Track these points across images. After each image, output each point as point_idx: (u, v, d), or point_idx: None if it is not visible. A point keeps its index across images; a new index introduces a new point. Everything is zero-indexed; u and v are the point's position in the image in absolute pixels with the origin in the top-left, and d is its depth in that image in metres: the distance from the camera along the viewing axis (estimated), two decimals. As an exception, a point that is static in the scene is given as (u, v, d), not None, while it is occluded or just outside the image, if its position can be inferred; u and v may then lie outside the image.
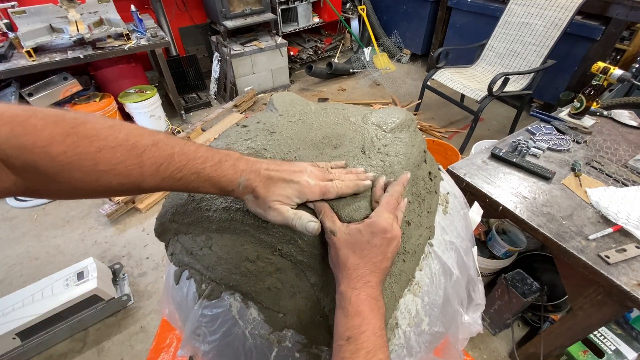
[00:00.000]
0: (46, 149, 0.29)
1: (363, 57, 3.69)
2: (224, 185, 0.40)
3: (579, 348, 1.27)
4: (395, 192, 0.45)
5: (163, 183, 0.37)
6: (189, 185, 0.38)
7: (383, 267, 0.42)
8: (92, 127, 0.32)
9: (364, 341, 0.37)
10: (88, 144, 0.31)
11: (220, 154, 0.40)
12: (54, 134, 0.30)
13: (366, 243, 0.41)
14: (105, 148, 0.32)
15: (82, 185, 0.33)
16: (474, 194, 1.17)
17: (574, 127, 1.40)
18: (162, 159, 0.36)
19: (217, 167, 0.39)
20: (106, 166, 0.32)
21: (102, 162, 0.32)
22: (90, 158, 0.31)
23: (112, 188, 0.34)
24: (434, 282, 0.51)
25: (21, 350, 1.40)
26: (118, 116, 2.67)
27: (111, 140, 0.33)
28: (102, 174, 0.33)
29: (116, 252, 1.91)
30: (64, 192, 0.33)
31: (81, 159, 0.31)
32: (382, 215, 0.42)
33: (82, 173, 0.32)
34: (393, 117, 0.59)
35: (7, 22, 2.29)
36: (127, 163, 0.33)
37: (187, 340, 0.54)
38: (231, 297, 0.48)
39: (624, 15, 2.19)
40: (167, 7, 3.03)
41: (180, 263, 0.54)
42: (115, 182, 0.34)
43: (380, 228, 0.41)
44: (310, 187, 0.43)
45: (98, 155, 0.32)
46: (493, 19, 2.60)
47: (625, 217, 0.99)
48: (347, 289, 0.40)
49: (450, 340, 0.59)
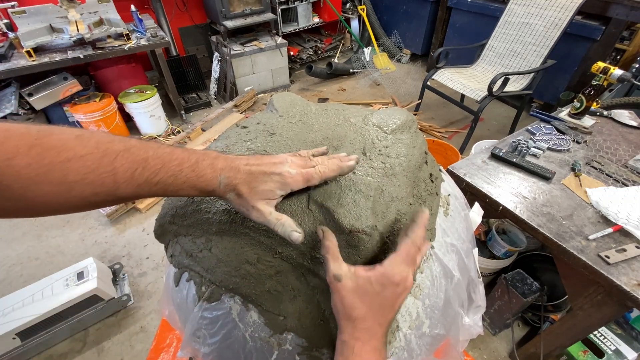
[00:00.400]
0: (9, 162, 0.27)
1: (363, 57, 3.69)
2: (203, 186, 0.39)
3: (579, 348, 1.27)
4: (418, 239, 0.42)
5: (140, 189, 0.35)
6: (167, 189, 0.37)
7: (390, 319, 0.40)
8: (58, 137, 0.31)
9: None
10: (55, 155, 0.30)
11: (197, 154, 0.39)
12: (18, 146, 0.28)
13: (375, 294, 0.39)
14: (74, 158, 0.30)
15: (54, 199, 0.31)
16: (474, 194, 1.17)
17: (574, 127, 1.40)
18: (136, 164, 0.34)
19: (194, 168, 0.38)
20: (77, 176, 0.31)
21: (72, 172, 0.30)
22: (58, 169, 0.30)
23: (87, 199, 0.33)
24: (434, 284, 0.51)
25: (21, 350, 1.40)
26: (118, 116, 2.67)
27: (79, 149, 0.31)
28: (74, 184, 0.31)
29: (116, 252, 1.91)
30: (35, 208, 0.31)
31: (48, 170, 0.29)
32: (398, 267, 0.40)
33: (52, 186, 0.30)
34: (394, 118, 0.58)
35: (7, 22, 2.29)
36: (99, 171, 0.32)
37: (187, 342, 0.54)
38: (231, 300, 0.48)
39: (624, 15, 2.19)
40: (167, 7, 3.03)
41: (180, 265, 0.53)
42: (88, 192, 0.32)
43: (392, 281, 0.39)
44: (292, 177, 0.42)
45: (67, 165, 0.30)
46: (493, 19, 2.60)
47: (625, 217, 0.99)
48: (351, 339, 0.38)
49: (451, 342, 0.58)
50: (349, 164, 0.44)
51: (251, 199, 0.40)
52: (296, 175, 0.42)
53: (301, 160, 0.44)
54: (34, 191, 0.29)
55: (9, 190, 0.28)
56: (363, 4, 3.78)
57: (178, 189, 0.38)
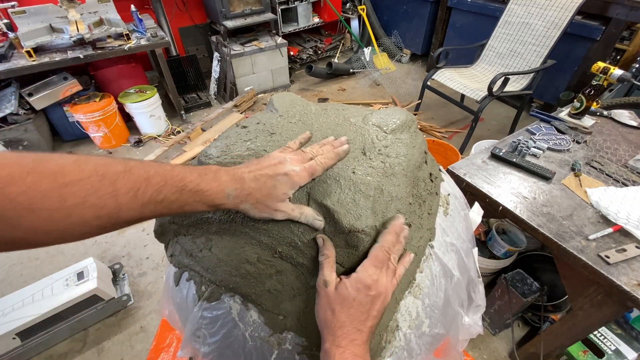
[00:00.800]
0: (4, 191, 0.27)
1: (363, 57, 3.69)
2: (212, 199, 0.38)
3: (579, 348, 1.27)
4: (386, 243, 0.43)
5: (144, 209, 0.34)
6: (172, 206, 0.36)
7: (369, 326, 0.40)
8: (55, 163, 0.30)
9: None
10: (51, 181, 0.29)
11: (198, 169, 0.39)
12: (13, 173, 0.27)
13: (352, 300, 0.40)
14: (72, 182, 0.30)
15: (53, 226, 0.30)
16: (474, 194, 1.17)
17: (574, 127, 1.40)
18: (138, 183, 0.33)
19: (199, 182, 0.37)
20: (76, 199, 0.30)
21: (71, 196, 0.29)
22: (55, 194, 0.29)
23: (88, 223, 0.31)
24: (434, 284, 0.51)
25: (21, 350, 1.40)
26: (118, 116, 2.67)
27: (77, 173, 0.30)
28: (73, 208, 0.30)
29: (116, 252, 1.91)
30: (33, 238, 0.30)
31: (45, 197, 0.28)
32: (367, 270, 0.41)
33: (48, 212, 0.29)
34: (394, 117, 0.58)
35: (7, 22, 2.29)
36: (99, 193, 0.31)
37: (187, 342, 0.54)
38: (231, 299, 0.48)
39: (624, 15, 2.19)
40: (167, 7, 3.03)
41: (180, 264, 0.53)
42: (89, 215, 0.31)
43: (364, 284, 0.40)
44: (298, 174, 0.42)
45: (64, 190, 0.29)
46: (493, 19, 2.60)
47: (625, 217, 0.99)
48: (331, 346, 0.39)
49: (451, 342, 0.58)
50: (344, 147, 0.46)
51: (271, 204, 0.42)
52: (301, 171, 0.43)
53: (297, 155, 0.45)
54: (30, 219, 0.28)
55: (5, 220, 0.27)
56: (363, 4, 3.78)
57: (184, 205, 0.37)
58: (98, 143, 2.71)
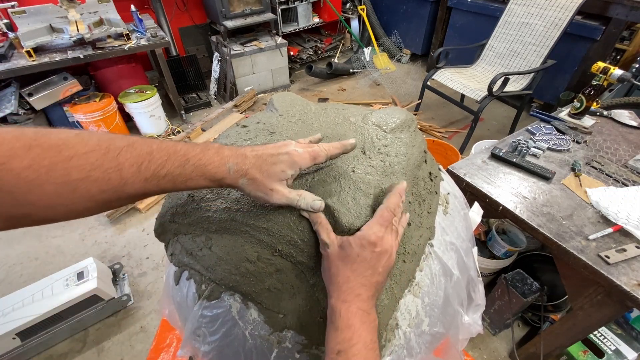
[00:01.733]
0: (6, 166, 0.26)
1: (363, 57, 3.69)
2: (213, 173, 0.38)
3: (579, 348, 1.27)
4: (391, 204, 0.44)
5: (148, 184, 0.34)
6: (176, 180, 0.36)
7: (374, 282, 0.41)
8: (57, 136, 0.30)
9: (354, 354, 0.36)
10: (55, 154, 0.29)
11: (201, 145, 0.39)
12: (14, 148, 0.27)
13: (356, 256, 0.41)
14: (76, 155, 0.30)
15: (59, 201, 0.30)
16: (474, 194, 1.17)
17: (574, 127, 1.40)
18: (141, 157, 0.34)
19: (201, 156, 0.38)
20: (80, 173, 0.30)
21: (75, 170, 0.29)
22: (60, 168, 0.29)
23: (93, 198, 0.31)
24: (434, 282, 0.51)
25: (21, 350, 1.40)
26: (118, 116, 2.67)
27: (81, 147, 0.30)
28: (78, 182, 0.30)
29: (116, 252, 1.91)
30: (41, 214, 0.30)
31: (50, 170, 0.28)
32: (372, 229, 0.42)
33: (55, 186, 0.29)
34: (393, 117, 0.59)
35: (7, 22, 2.29)
36: (103, 167, 0.31)
37: (187, 341, 0.54)
38: (231, 298, 0.48)
39: (624, 15, 2.19)
40: (167, 7, 3.03)
41: (180, 263, 0.53)
42: (94, 190, 0.31)
43: (369, 241, 0.41)
44: (299, 155, 0.43)
45: (69, 163, 0.29)
46: (493, 19, 2.60)
47: (625, 217, 0.99)
48: (337, 302, 0.39)
49: (451, 341, 0.59)
50: (351, 141, 0.46)
51: (267, 182, 0.41)
52: (303, 153, 0.43)
53: (303, 141, 0.46)
54: (37, 194, 0.28)
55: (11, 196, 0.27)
56: (363, 4, 3.78)
57: (187, 179, 0.37)
58: (98, 143, 2.71)
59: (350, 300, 0.39)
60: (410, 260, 0.48)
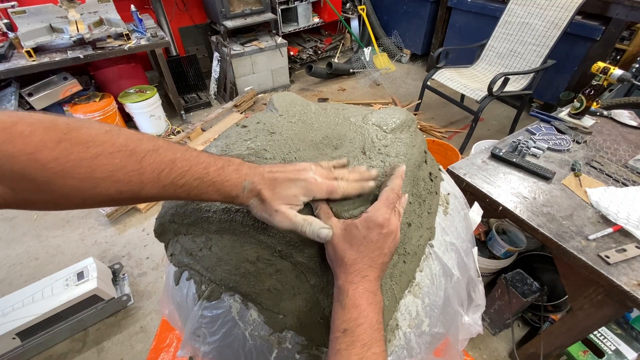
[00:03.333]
0: (35, 156, 0.27)
1: (363, 57, 3.69)
2: (228, 190, 0.39)
3: (579, 348, 1.27)
4: (396, 186, 0.44)
5: (164, 191, 0.35)
6: (192, 192, 0.37)
7: (380, 263, 0.41)
8: (87, 132, 0.30)
9: (360, 334, 0.37)
10: (83, 150, 0.29)
11: (223, 160, 0.39)
12: (45, 140, 0.28)
13: (362, 238, 0.41)
14: (103, 154, 0.30)
15: (77, 194, 0.31)
16: (474, 194, 1.17)
17: (574, 127, 1.40)
18: (164, 164, 0.34)
19: (220, 172, 0.38)
20: (103, 173, 0.31)
21: (99, 168, 0.30)
22: (85, 165, 0.30)
23: (110, 196, 0.32)
24: (434, 283, 0.51)
25: (21, 350, 1.40)
26: (118, 116, 2.67)
27: (108, 145, 0.31)
28: (100, 181, 0.31)
29: (116, 252, 1.91)
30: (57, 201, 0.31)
31: (75, 165, 0.29)
32: (379, 210, 0.42)
33: (77, 181, 0.30)
34: (393, 117, 0.58)
35: (7, 22, 2.29)
36: (126, 169, 0.32)
37: (187, 341, 0.54)
38: (231, 298, 0.48)
39: (624, 15, 2.19)
40: (167, 7, 3.03)
41: (180, 264, 0.53)
42: (113, 190, 0.32)
43: (376, 223, 0.41)
44: (317, 184, 0.42)
45: (94, 161, 0.30)
46: (493, 19, 2.60)
47: (625, 217, 0.99)
48: (344, 282, 0.40)
49: (451, 341, 0.59)
50: (370, 184, 0.45)
51: (274, 203, 0.40)
52: (321, 183, 0.43)
53: (324, 170, 0.45)
54: (58, 185, 0.29)
55: (33, 182, 0.28)
56: (363, 4, 3.78)
57: (202, 193, 0.38)
58: (98, 143, 2.71)
59: (358, 281, 0.39)
60: (411, 260, 0.48)
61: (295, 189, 0.41)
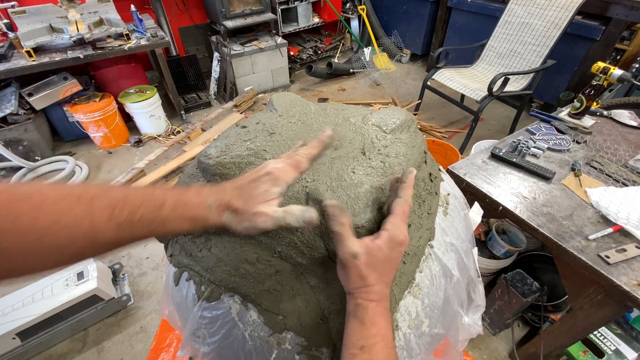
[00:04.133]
0: None
1: (363, 57, 3.69)
2: (194, 213, 0.37)
3: (579, 348, 1.27)
4: (409, 198, 0.43)
5: (121, 231, 0.32)
6: (152, 225, 0.34)
7: (392, 276, 0.42)
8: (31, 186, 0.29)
9: (378, 352, 0.37)
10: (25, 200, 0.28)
11: (180, 188, 0.38)
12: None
13: (385, 257, 0.40)
14: (46, 202, 0.28)
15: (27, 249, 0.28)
16: (474, 194, 1.17)
17: (574, 127, 1.40)
18: (115, 201, 0.32)
19: (179, 198, 0.36)
20: (49, 218, 0.28)
21: (43, 216, 0.28)
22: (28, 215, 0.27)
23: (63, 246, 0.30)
24: (434, 283, 0.51)
25: (21, 350, 1.40)
26: (118, 116, 2.67)
27: (52, 194, 0.29)
28: (45, 230, 0.28)
29: (116, 252, 1.91)
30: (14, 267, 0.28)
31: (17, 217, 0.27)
32: (399, 227, 0.41)
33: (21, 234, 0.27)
34: (393, 117, 0.58)
35: (7, 22, 2.29)
36: (73, 212, 0.29)
37: (187, 342, 0.54)
38: (231, 299, 0.48)
39: (624, 15, 2.19)
40: (167, 7, 3.03)
41: (180, 264, 0.53)
42: (64, 237, 0.29)
43: (397, 242, 0.40)
44: (280, 169, 0.41)
45: (37, 211, 0.28)
46: (493, 19, 2.60)
47: (625, 217, 0.99)
48: (365, 301, 0.39)
49: (451, 342, 0.58)
50: (327, 133, 0.45)
51: (249, 207, 0.39)
52: (284, 167, 0.42)
53: (283, 156, 0.45)
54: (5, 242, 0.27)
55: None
56: (363, 4, 3.78)
57: (164, 222, 0.35)
58: (98, 143, 2.71)
59: (378, 300, 0.39)
60: (410, 261, 0.48)
61: (263, 184, 0.40)
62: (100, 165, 2.58)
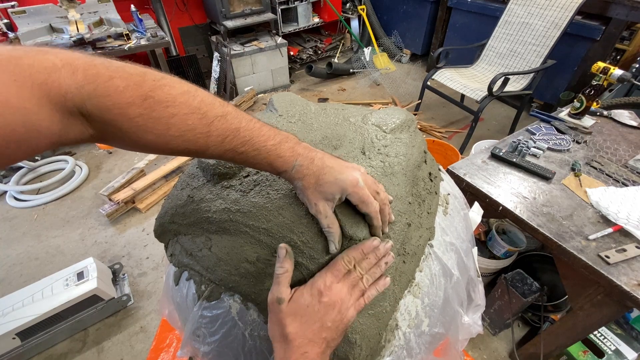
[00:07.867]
0: (125, 111, 0.30)
1: (363, 57, 3.69)
2: (279, 165, 0.40)
3: (579, 348, 1.27)
4: (346, 256, 0.43)
5: (225, 154, 0.38)
6: (248, 160, 0.39)
7: (323, 337, 0.39)
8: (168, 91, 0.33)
9: None
10: (163, 109, 0.32)
11: (282, 135, 0.41)
12: (134, 96, 0.31)
13: (306, 307, 0.39)
14: (178, 114, 0.33)
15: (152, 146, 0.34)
16: (474, 194, 1.17)
17: (574, 127, 1.40)
18: (229, 131, 0.36)
19: (277, 147, 0.40)
20: (177, 132, 0.34)
21: (174, 127, 0.33)
22: (163, 123, 0.33)
23: (178, 151, 0.36)
24: (434, 283, 0.51)
25: (21, 350, 1.40)
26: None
27: (184, 107, 0.34)
28: (172, 138, 0.34)
29: (116, 252, 1.91)
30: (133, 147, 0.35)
31: (155, 122, 0.32)
32: (322, 276, 0.41)
33: (154, 136, 0.33)
34: (393, 117, 0.58)
35: (7, 22, 2.29)
36: (195, 131, 0.35)
37: (187, 341, 0.54)
38: (231, 299, 0.48)
39: (624, 15, 2.19)
40: (167, 7, 3.03)
41: (180, 264, 0.53)
42: (182, 147, 0.35)
43: (317, 290, 0.40)
44: (359, 188, 0.42)
45: (171, 120, 0.33)
46: (493, 19, 2.60)
47: (625, 217, 0.99)
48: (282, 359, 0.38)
49: (450, 341, 0.58)
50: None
51: (314, 197, 0.42)
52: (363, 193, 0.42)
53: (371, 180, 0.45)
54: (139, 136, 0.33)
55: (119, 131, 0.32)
56: (363, 4, 3.78)
57: (256, 163, 0.40)
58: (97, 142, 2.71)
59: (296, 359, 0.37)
60: (410, 260, 0.48)
61: (335, 187, 0.42)
62: (100, 165, 2.58)
